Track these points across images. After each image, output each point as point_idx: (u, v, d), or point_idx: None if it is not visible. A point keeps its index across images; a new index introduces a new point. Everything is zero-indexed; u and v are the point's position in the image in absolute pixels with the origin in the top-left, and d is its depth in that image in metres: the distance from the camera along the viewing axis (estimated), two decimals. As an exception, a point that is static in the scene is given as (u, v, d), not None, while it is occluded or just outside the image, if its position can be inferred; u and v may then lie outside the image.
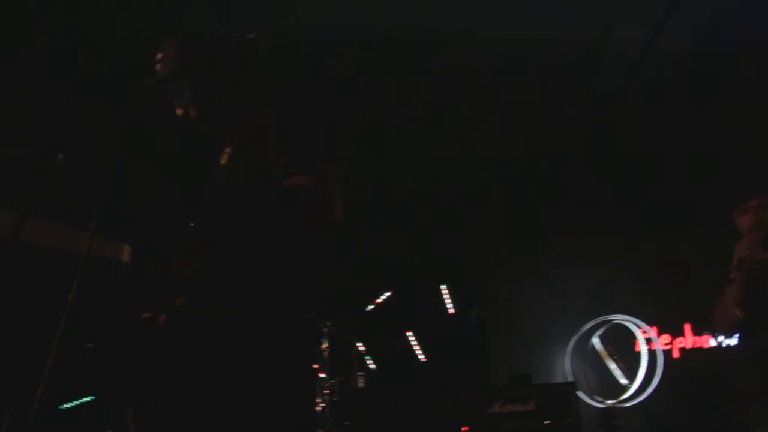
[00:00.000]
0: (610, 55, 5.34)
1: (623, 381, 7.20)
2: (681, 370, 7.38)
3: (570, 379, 7.09)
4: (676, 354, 7.56)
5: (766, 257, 3.13)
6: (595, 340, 7.40)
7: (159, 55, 2.21)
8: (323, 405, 5.15)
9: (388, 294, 7.00)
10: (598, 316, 7.48)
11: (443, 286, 7.47)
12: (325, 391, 5.20)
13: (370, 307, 6.85)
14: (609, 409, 6.81)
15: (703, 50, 5.30)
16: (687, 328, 7.67)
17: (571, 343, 7.40)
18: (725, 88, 5.74)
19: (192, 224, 2.10)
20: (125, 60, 4.46)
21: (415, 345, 7.12)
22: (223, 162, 2.08)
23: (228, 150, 2.08)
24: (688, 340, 7.65)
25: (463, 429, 5.80)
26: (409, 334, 7.13)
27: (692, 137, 6.41)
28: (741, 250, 3.14)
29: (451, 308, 7.37)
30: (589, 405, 6.94)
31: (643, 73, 5.58)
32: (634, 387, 7.15)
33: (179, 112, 2.22)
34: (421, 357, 7.00)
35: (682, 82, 5.75)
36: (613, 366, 7.29)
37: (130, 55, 3.86)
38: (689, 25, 4.90)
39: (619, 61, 5.42)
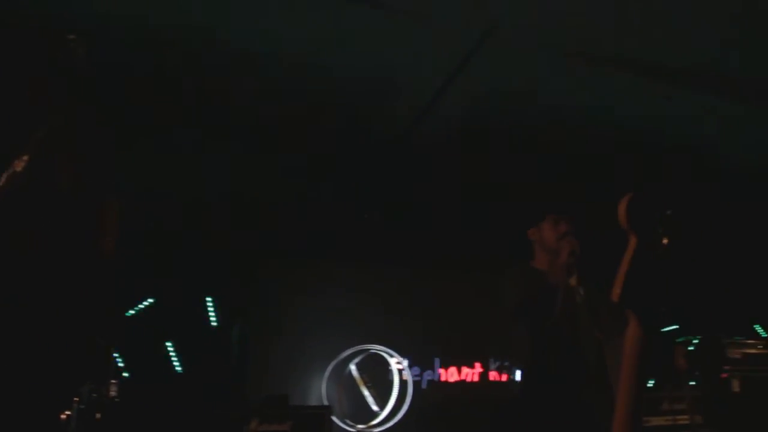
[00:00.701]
0: (400, 99, 5.64)
1: (375, 408, 7.45)
2: (427, 400, 7.82)
3: (325, 402, 7.18)
4: (424, 385, 7.99)
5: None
6: (352, 367, 7.58)
7: None
8: (69, 413, 4.72)
9: (150, 301, 6.67)
10: (357, 345, 7.68)
11: (208, 299, 7.25)
12: (74, 399, 4.78)
13: (130, 312, 6.47)
14: (359, 433, 7.02)
15: (487, 108, 5.79)
16: (436, 361, 8.16)
17: (329, 368, 7.50)
18: (502, 142, 6.28)
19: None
20: None
21: (173, 355, 6.80)
22: (17, 169, 1.91)
23: (25, 157, 1.92)
24: (436, 373, 8.13)
25: (216, 446, 5.61)
26: (168, 343, 6.81)
27: (465, 184, 6.90)
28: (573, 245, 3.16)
29: (214, 321, 7.17)
30: (342, 429, 7.06)
31: (429, 121, 5.96)
32: (383, 414, 7.41)
33: None
34: (178, 368, 6.71)
35: (464, 133, 6.21)
36: (366, 393, 7.51)
37: None
38: (480, 82, 5.33)
39: (408, 106, 5.73)
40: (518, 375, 3.43)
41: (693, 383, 6.96)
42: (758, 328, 8.56)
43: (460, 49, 4.84)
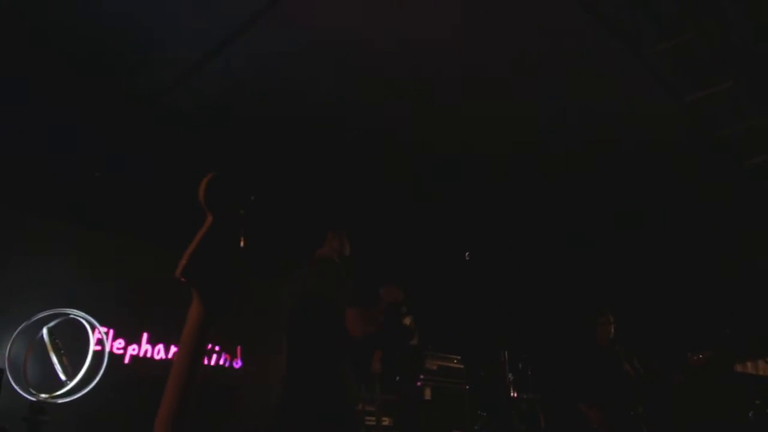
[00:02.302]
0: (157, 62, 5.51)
1: (63, 377, 6.93)
2: (128, 375, 7.45)
3: (5, 366, 6.55)
4: (127, 360, 7.62)
5: None
6: (45, 331, 6.99)
7: None
8: None
9: None
10: (56, 308, 7.09)
11: None
12: None
13: None
14: (39, 402, 6.47)
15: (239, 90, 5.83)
16: (144, 336, 7.83)
17: (18, 329, 6.84)
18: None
19: None
20: None
21: None
22: None
23: None
24: (142, 348, 7.79)
25: None
26: None
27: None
28: None
29: None
30: (20, 396, 6.49)
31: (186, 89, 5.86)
32: (71, 384, 6.92)
33: None
34: None
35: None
36: (56, 360, 6.97)
37: None
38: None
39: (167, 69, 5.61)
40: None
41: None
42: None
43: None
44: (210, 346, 8.37)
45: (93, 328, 7.26)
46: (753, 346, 8.65)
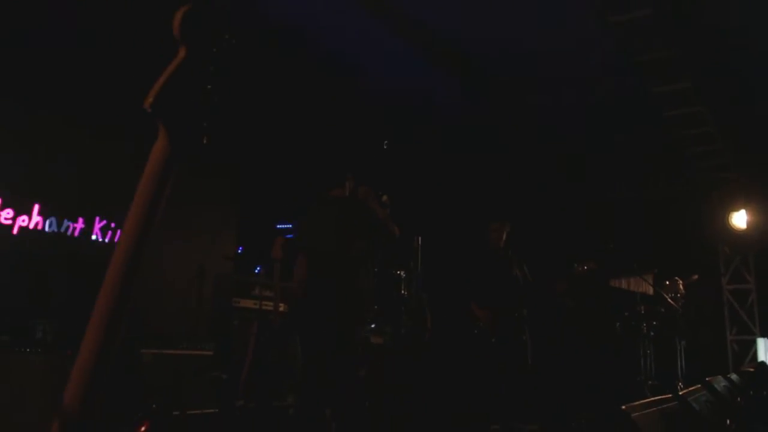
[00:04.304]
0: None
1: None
2: (15, 247, 7.16)
3: None
4: (15, 231, 7.31)
5: None
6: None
7: None
8: None
9: None
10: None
11: None
12: None
13: None
14: None
15: None
16: (35, 207, 7.49)
17: None
18: None
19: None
20: None
21: None
22: None
23: None
24: (33, 220, 7.48)
25: None
26: None
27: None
28: None
29: None
30: None
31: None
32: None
33: None
34: None
35: None
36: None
37: None
38: None
39: None
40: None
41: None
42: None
43: None
44: (105, 221, 8.16)
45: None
46: (630, 263, 9.26)
